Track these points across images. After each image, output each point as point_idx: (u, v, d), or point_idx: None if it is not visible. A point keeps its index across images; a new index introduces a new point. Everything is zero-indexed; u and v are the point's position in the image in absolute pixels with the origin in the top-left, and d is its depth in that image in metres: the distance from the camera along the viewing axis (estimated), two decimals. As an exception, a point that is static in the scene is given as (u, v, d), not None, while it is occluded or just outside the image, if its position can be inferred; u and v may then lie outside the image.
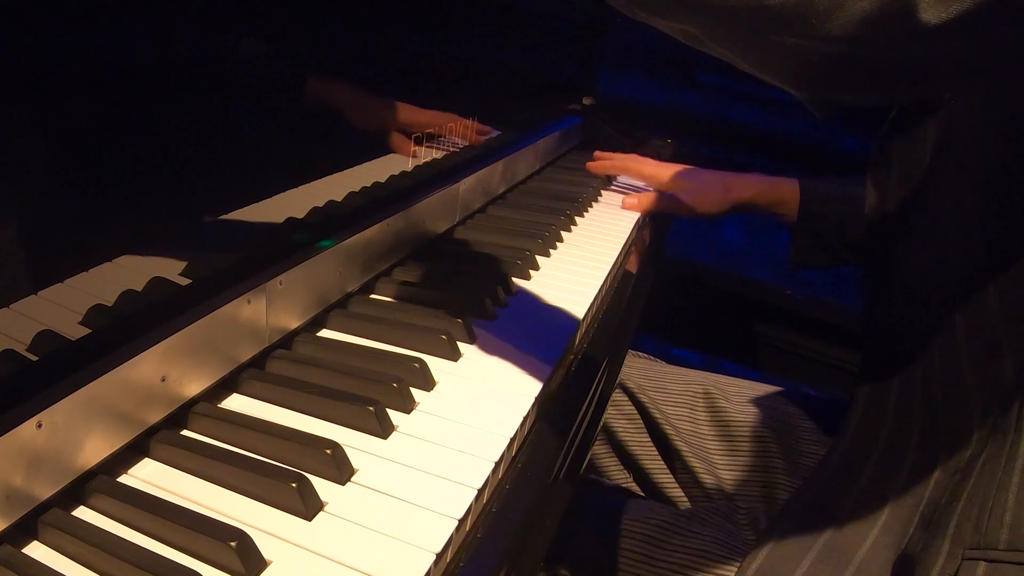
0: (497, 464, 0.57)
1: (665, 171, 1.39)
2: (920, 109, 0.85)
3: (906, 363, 0.79)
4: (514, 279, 0.89)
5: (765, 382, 1.18)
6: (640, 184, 1.48)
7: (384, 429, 0.59)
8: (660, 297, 1.30)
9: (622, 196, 1.36)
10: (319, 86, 0.79)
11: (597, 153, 1.50)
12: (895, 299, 0.84)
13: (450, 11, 1.05)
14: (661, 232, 1.34)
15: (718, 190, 1.30)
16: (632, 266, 1.08)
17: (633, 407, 1.14)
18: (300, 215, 0.76)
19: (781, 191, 1.27)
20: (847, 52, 0.46)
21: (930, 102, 0.83)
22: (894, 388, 0.80)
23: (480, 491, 0.54)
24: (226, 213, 0.68)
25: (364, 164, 0.87)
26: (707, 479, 1.06)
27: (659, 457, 1.11)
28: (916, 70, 0.49)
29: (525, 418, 0.63)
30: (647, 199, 1.33)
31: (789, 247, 1.28)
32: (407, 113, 0.95)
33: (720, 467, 1.08)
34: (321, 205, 0.79)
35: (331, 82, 0.82)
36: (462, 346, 0.73)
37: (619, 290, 0.99)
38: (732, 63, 0.53)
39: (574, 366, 0.76)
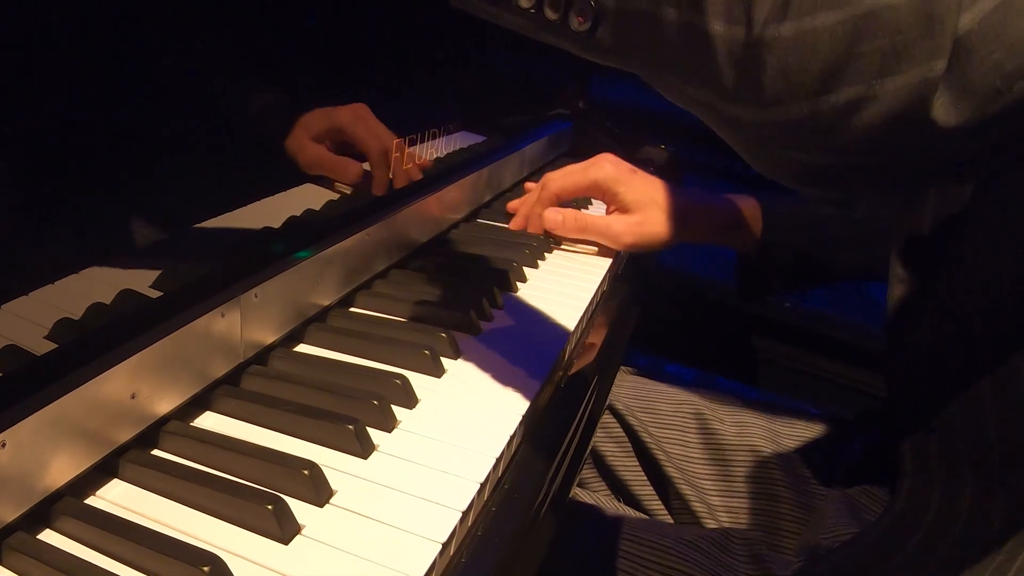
0: (483, 485, 0.57)
1: (609, 173, 1.14)
2: None
3: (949, 403, 0.76)
4: (500, 292, 0.90)
5: (762, 399, 1.18)
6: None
7: (364, 449, 0.59)
8: (653, 310, 1.30)
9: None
10: (295, 90, 0.80)
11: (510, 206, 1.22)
12: (929, 330, 0.80)
13: (432, 11, 1.06)
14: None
15: (662, 226, 1.12)
16: (624, 278, 1.09)
17: (622, 430, 1.13)
18: (276, 224, 0.76)
19: (739, 224, 1.16)
20: (860, 162, 0.47)
21: None
22: (937, 433, 0.77)
23: (465, 514, 0.54)
24: (199, 222, 0.69)
25: (343, 171, 0.88)
26: (699, 507, 1.06)
27: (649, 483, 1.11)
28: (939, 170, 0.49)
29: (512, 437, 0.63)
30: (573, 220, 1.12)
31: (736, 278, 1.22)
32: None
33: (712, 494, 1.08)
34: (299, 214, 0.80)
35: (308, 86, 0.82)
36: (446, 362, 0.73)
37: (610, 303, 0.99)
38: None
39: (563, 383, 0.76)
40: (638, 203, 1.12)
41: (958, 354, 0.75)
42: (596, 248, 1.12)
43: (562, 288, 0.95)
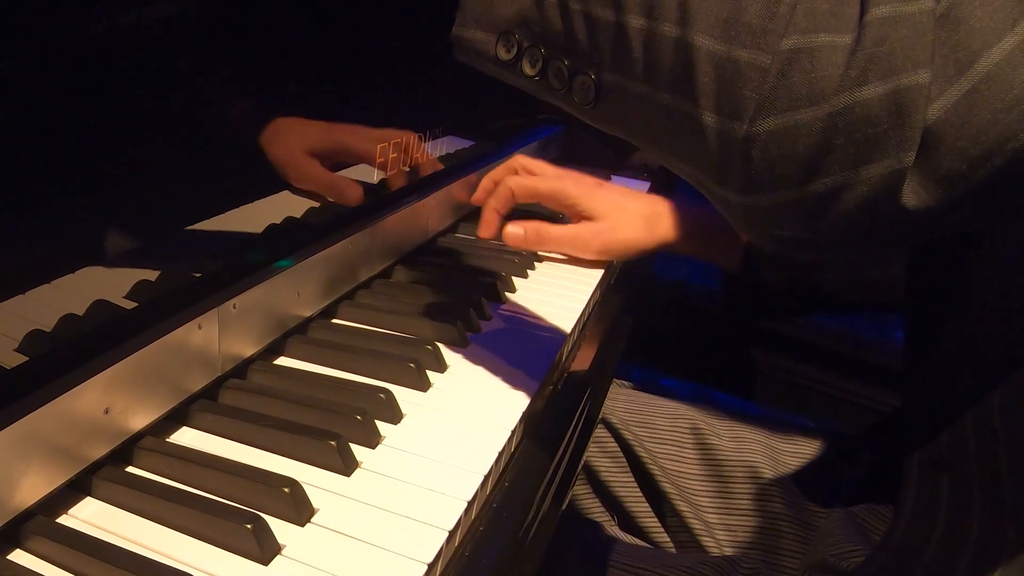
0: (470, 504, 0.58)
1: (567, 188, 1.13)
2: None
3: (961, 428, 0.77)
4: (488, 302, 0.90)
5: (760, 414, 1.19)
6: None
7: (347, 465, 0.59)
8: (647, 321, 1.30)
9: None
10: (275, 93, 0.80)
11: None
12: (944, 355, 0.81)
13: (416, 11, 1.06)
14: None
15: (633, 232, 1.11)
16: (616, 289, 1.09)
17: (616, 445, 1.13)
18: (256, 232, 0.77)
19: (719, 237, 1.13)
20: (841, 237, 0.50)
21: None
22: (946, 456, 0.78)
23: (451, 533, 0.54)
24: (175, 230, 0.69)
25: (326, 177, 0.88)
26: (696, 524, 1.06)
27: (645, 500, 1.11)
28: (914, 239, 0.53)
29: (500, 453, 0.64)
30: (535, 233, 1.10)
31: (722, 298, 1.21)
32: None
33: (709, 512, 1.08)
34: (279, 221, 0.80)
35: (288, 89, 0.82)
36: (432, 375, 0.74)
37: (602, 316, 1.00)
38: None
39: (554, 397, 0.77)
40: (602, 211, 1.12)
41: (969, 371, 0.76)
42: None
43: (552, 299, 0.96)
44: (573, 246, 1.10)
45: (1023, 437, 0.71)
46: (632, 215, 1.12)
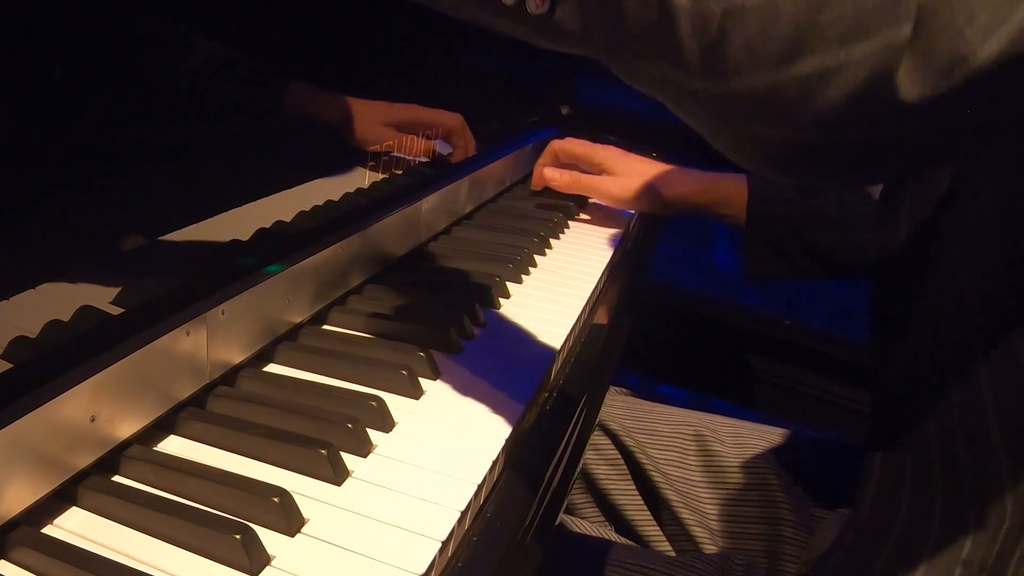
0: (463, 514, 0.58)
1: (598, 151, 1.40)
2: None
3: (923, 418, 0.78)
4: (482, 308, 0.90)
5: (760, 422, 1.19)
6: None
7: (338, 475, 0.60)
8: (644, 328, 1.31)
9: (604, 214, 1.38)
10: (265, 95, 0.80)
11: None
12: (908, 343, 0.82)
13: (408, 11, 1.07)
14: (646, 256, 1.35)
15: (649, 182, 1.33)
16: (613, 294, 1.10)
17: (616, 451, 1.13)
18: (245, 237, 0.77)
19: (725, 188, 1.29)
20: (825, 140, 0.48)
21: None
22: (910, 448, 0.79)
23: (444, 544, 0.55)
24: (163, 235, 0.69)
25: (316, 181, 0.88)
26: (698, 531, 1.06)
27: (645, 507, 1.11)
28: (905, 150, 0.51)
29: (494, 462, 0.64)
30: (570, 175, 1.37)
31: (742, 257, 1.31)
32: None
33: (713, 518, 1.08)
34: (268, 226, 0.80)
35: (278, 90, 0.83)
36: (424, 382, 0.74)
37: (599, 321, 1.00)
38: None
39: (549, 405, 0.77)
40: (625, 170, 1.36)
41: (930, 367, 0.77)
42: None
43: (548, 304, 0.96)
44: (597, 190, 1.36)
45: (979, 442, 0.71)
46: (648, 173, 1.34)
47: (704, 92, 0.48)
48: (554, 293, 1.00)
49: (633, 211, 1.42)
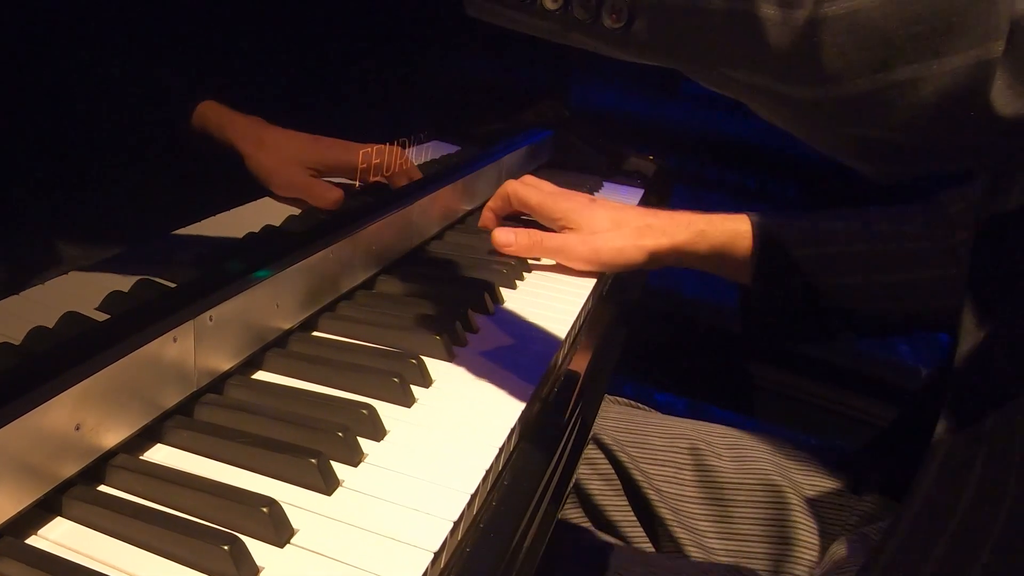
0: (456, 524, 0.58)
1: (558, 203, 1.15)
2: None
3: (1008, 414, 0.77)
4: (476, 315, 0.90)
5: (760, 431, 1.18)
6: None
7: (328, 484, 0.60)
8: (642, 335, 1.30)
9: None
10: (257, 97, 0.80)
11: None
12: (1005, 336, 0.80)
13: (400, 10, 1.07)
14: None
15: (626, 235, 1.10)
16: (610, 299, 1.10)
17: (610, 466, 1.12)
18: (233, 241, 0.77)
19: (725, 231, 1.11)
20: (917, 140, 0.50)
21: None
22: (984, 444, 0.77)
23: (437, 555, 0.55)
24: (149, 239, 0.69)
25: (306, 184, 0.88)
26: (694, 551, 1.05)
27: (639, 524, 1.10)
28: (998, 151, 0.52)
29: (488, 472, 0.64)
30: (525, 237, 1.11)
31: (739, 315, 1.16)
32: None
33: (710, 536, 1.07)
34: (257, 230, 0.80)
35: (271, 92, 0.83)
36: (416, 390, 0.74)
37: (595, 327, 1.00)
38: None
39: (544, 413, 0.77)
40: (593, 223, 1.12)
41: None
42: None
43: (543, 311, 0.96)
44: (562, 252, 1.10)
45: None
46: (622, 225, 1.11)
47: (799, 98, 0.50)
48: (549, 299, 1.00)
49: (609, 272, 1.14)
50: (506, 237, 1.10)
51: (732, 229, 1.11)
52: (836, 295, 1.08)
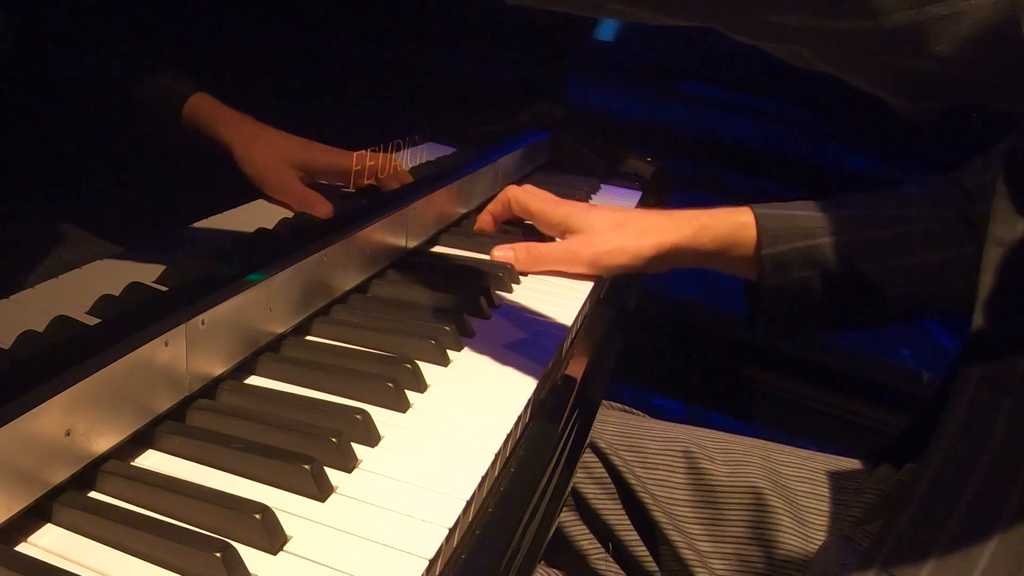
0: (452, 531, 0.58)
1: (559, 208, 1.16)
2: None
3: None
4: (471, 318, 0.91)
5: (758, 436, 1.19)
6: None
7: (322, 491, 0.60)
8: (639, 339, 1.30)
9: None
10: (245, 96, 0.81)
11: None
12: None
13: (396, 11, 1.07)
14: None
15: (628, 234, 1.10)
16: (607, 303, 1.10)
17: (605, 471, 1.13)
18: (226, 244, 0.77)
19: (728, 224, 1.11)
20: (957, 71, 0.53)
21: None
22: (1009, 394, 0.76)
23: (432, 562, 0.55)
24: (140, 242, 0.69)
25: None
26: (688, 554, 1.05)
27: (634, 528, 1.11)
28: None
29: (484, 478, 0.64)
30: (524, 252, 1.11)
31: (747, 311, 1.16)
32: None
33: (702, 540, 1.07)
34: (250, 233, 0.80)
35: (259, 92, 0.83)
36: (411, 395, 0.74)
37: (591, 332, 1.00)
38: (842, 78, 0.59)
39: (540, 418, 0.77)
40: (594, 226, 1.12)
41: None
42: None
43: (539, 315, 0.96)
44: (564, 260, 1.10)
45: None
46: (625, 226, 1.11)
47: (846, 30, 0.52)
48: (545, 303, 1.00)
49: (610, 276, 1.15)
50: (505, 254, 1.11)
51: (735, 221, 1.11)
52: (846, 283, 1.08)
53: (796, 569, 1.02)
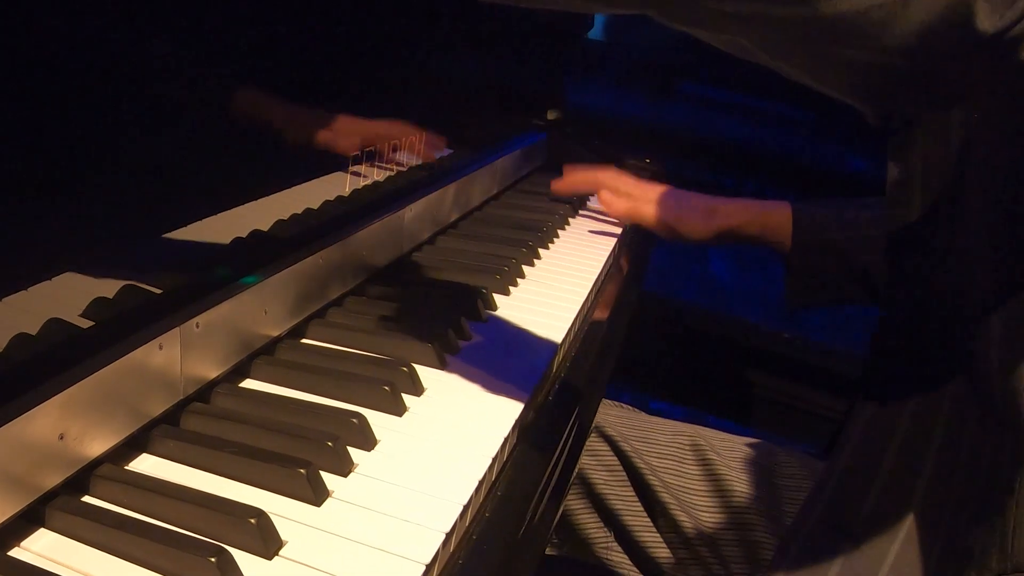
0: (448, 536, 0.58)
1: (644, 189, 1.40)
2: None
3: (930, 373, 0.81)
4: (468, 321, 0.91)
5: (758, 438, 1.20)
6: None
7: (317, 495, 0.60)
8: (638, 341, 1.30)
9: (594, 223, 1.38)
10: (243, 96, 0.81)
11: (567, 167, 1.51)
12: (920, 306, 0.86)
13: (394, 11, 1.07)
14: (640, 266, 1.35)
15: (700, 213, 1.32)
16: (605, 306, 1.10)
17: (614, 456, 1.16)
18: (221, 246, 0.77)
19: (773, 217, 1.28)
20: (905, 64, 0.53)
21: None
22: (910, 403, 0.82)
23: (429, 567, 0.55)
24: (134, 244, 0.69)
25: (295, 188, 0.88)
26: (692, 532, 1.08)
27: (643, 512, 1.14)
28: (976, 79, 0.56)
29: (481, 482, 0.64)
30: (622, 204, 1.37)
31: (784, 285, 1.29)
32: (346, 128, 0.96)
33: (710, 524, 1.10)
34: (245, 235, 0.80)
35: (257, 92, 0.83)
36: (407, 399, 0.74)
37: (590, 334, 1.00)
38: (788, 76, 0.60)
39: (539, 422, 0.77)
40: (636, 194, 1.37)
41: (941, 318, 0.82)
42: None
43: (537, 317, 0.96)
44: (652, 223, 1.36)
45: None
46: (693, 205, 1.34)
47: (793, 17, 0.51)
48: (542, 305, 1.00)
49: (672, 239, 1.39)
50: (606, 196, 1.39)
51: (778, 211, 1.29)
52: (858, 268, 1.23)
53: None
